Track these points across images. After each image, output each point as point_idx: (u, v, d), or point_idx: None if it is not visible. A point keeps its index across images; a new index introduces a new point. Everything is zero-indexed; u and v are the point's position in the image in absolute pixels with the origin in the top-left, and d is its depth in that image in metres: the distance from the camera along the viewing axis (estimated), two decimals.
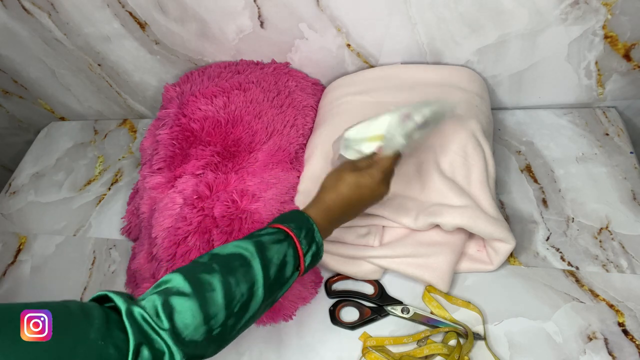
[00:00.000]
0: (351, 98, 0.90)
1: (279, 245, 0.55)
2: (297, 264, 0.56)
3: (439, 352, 0.67)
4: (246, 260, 0.52)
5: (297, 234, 0.56)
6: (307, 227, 0.58)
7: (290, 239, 0.56)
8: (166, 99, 0.97)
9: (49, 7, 0.96)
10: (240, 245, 0.53)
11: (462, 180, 0.75)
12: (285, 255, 0.55)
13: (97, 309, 0.42)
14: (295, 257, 0.56)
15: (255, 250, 0.53)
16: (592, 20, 0.76)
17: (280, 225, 0.57)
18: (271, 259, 0.53)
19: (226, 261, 0.52)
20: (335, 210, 0.61)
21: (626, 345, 0.65)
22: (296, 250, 0.56)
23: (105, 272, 0.92)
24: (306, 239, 0.57)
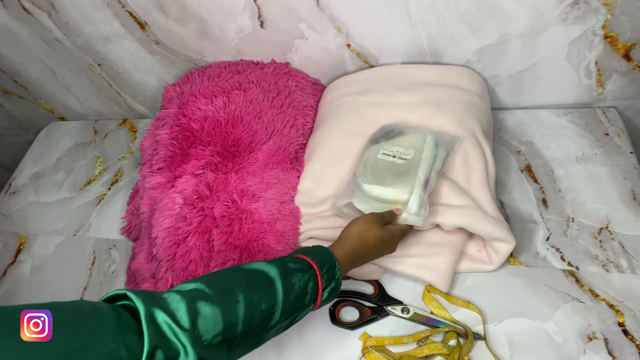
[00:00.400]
0: (351, 98, 0.90)
1: (302, 274, 0.56)
2: (314, 296, 0.57)
3: (439, 352, 0.67)
4: (270, 280, 0.53)
5: (320, 267, 0.58)
6: (330, 264, 0.59)
7: (313, 271, 0.57)
8: (166, 99, 0.97)
9: (49, 7, 0.96)
10: (265, 266, 0.54)
11: (462, 180, 0.75)
12: (306, 286, 0.55)
13: (109, 309, 0.42)
14: (314, 289, 0.56)
15: (279, 273, 0.54)
16: (592, 20, 0.76)
17: (305, 256, 0.58)
18: (293, 285, 0.54)
19: (251, 276, 0.53)
20: (356, 255, 0.63)
21: (626, 345, 0.65)
22: (317, 283, 0.57)
23: (105, 272, 0.92)
24: (327, 275, 0.58)
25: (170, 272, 0.73)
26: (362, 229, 0.65)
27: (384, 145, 0.76)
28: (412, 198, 0.68)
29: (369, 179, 0.73)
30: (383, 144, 0.77)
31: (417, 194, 0.68)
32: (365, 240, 0.64)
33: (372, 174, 0.74)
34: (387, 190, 0.70)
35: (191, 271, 0.74)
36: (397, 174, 0.72)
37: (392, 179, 0.72)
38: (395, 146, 0.75)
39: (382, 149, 0.76)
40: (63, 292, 0.90)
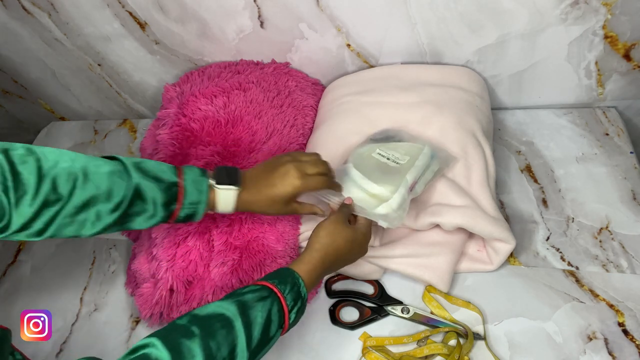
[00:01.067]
0: (351, 98, 0.90)
1: (263, 303, 0.53)
2: (281, 321, 0.54)
3: (439, 352, 0.67)
4: (228, 321, 0.50)
5: (281, 289, 0.55)
6: (292, 282, 0.56)
7: (275, 295, 0.54)
8: (166, 99, 0.97)
9: (49, 7, 0.96)
10: (222, 306, 0.52)
11: (462, 180, 0.75)
12: (269, 313, 0.53)
13: None
14: (280, 314, 0.54)
15: (237, 310, 0.51)
16: (592, 20, 0.76)
17: (264, 282, 0.56)
18: (255, 318, 0.52)
19: (207, 323, 0.50)
20: (326, 260, 0.61)
21: (626, 345, 0.65)
22: (281, 306, 0.54)
23: (105, 272, 0.92)
24: (291, 295, 0.56)
25: (170, 272, 0.74)
26: (329, 230, 0.62)
27: (381, 147, 0.76)
28: (396, 194, 0.67)
29: (358, 168, 0.72)
30: (381, 145, 0.77)
31: (402, 192, 0.68)
32: (334, 241, 0.62)
33: (362, 166, 0.73)
34: (371, 184, 0.70)
35: (191, 271, 0.74)
36: (386, 173, 0.72)
37: (380, 176, 0.71)
38: (392, 150, 0.75)
39: (378, 149, 0.76)
40: (63, 292, 0.90)
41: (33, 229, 0.54)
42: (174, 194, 0.60)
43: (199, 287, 0.74)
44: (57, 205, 0.54)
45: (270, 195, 0.64)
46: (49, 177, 0.53)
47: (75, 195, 0.54)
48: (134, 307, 0.84)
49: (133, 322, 0.83)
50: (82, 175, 0.55)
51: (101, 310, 0.86)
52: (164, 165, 0.62)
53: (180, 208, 0.61)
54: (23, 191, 0.52)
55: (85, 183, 0.55)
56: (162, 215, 0.61)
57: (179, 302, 0.74)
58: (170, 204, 0.60)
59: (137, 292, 0.79)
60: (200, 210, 0.62)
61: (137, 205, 0.59)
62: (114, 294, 0.88)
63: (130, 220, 0.60)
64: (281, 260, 0.75)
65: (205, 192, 0.62)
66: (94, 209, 0.56)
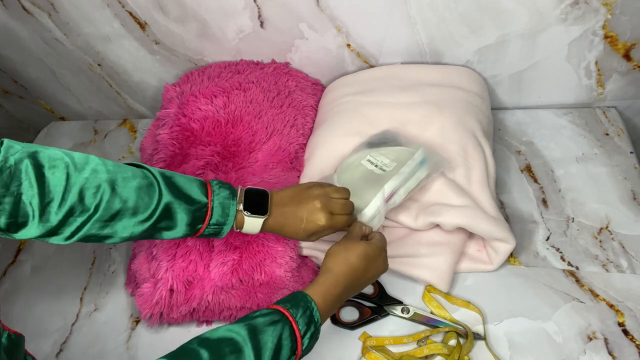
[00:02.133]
0: (351, 98, 0.90)
1: (274, 327, 0.51)
2: (294, 347, 0.53)
3: (439, 352, 0.67)
4: (237, 346, 0.49)
5: (293, 313, 0.53)
6: (304, 306, 0.54)
7: (286, 319, 0.53)
8: (166, 99, 0.97)
9: (49, 7, 0.96)
10: (232, 330, 0.51)
11: (462, 180, 0.75)
12: (280, 338, 0.51)
13: None
14: (292, 339, 0.52)
15: (247, 335, 0.50)
16: (592, 20, 0.76)
17: (276, 305, 0.54)
18: (265, 343, 0.50)
19: (216, 347, 0.49)
20: (341, 283, 0.58)
21: (626, 345, 0.65)
22: (292, 331, 0.52)
23: (105, 272, 0.92)
24: (303, 319, 0.54)
25: (170, 272, 0.73)
26: (340, 248, 0.61)
27: (372, 153, 0.76)
28: (370, 205, 0.68)
29: (341, 179, 0.73)
30: (372, 150, 0.77)
31: (376, 204, 0.68)
32: (347, 259, 0.59)
33: (346, 176, 0.74)
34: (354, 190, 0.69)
35: (191, 271, 0.74)
36: (369, 182, 0.72)
37: (362, 186, 0.71)
38: (382, 156, 0.75)
39: (369, 155, 0.76)
40: (63, 292, 0.90)
41: (61, 235, 0.54)
42: (202, 215, 0.60)
43: (199, 287, 0.74)
44: (83, 216, 0.54)
45: (295, 228, 0.64)
46: (76, 187, 0.53)
47: (101, 209, 0.54)
48: (134, 307, 0.84)
49: (133, 322, 0.83)
50: (110, 188, 0.55)
51: (101, 310, 0.86)
52: (193, 182, 0.61)
53: (205, 227, 0.61)
54: (50, 198, 0.52)
55: (113, 197, 0.55)
56: (187, 233, 0.61)
57: (179, 302, 0.74)
58: (196, 224, 0.60)
59: (137, 292, 0.79)
60: (225, 231, 0.62)
61: (164, 222, 0.58)
62: (114, 294, 0.88)
63: (157, 234, 0.60)
64: (281, 260, 0.74)
65: (232, 216, 0.62)
66: (120, 222, 0.56)
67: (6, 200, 0.50)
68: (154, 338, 0.79)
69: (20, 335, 0.50)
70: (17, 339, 0.49)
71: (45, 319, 0.87)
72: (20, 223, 0.52)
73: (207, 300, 0.73)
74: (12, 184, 0.50)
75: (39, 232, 0.52)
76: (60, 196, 0.52)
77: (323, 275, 0.59)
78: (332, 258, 0.60)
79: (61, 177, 0.52)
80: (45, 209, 0.52)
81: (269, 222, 0.63)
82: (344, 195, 0.66)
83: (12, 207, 0.50)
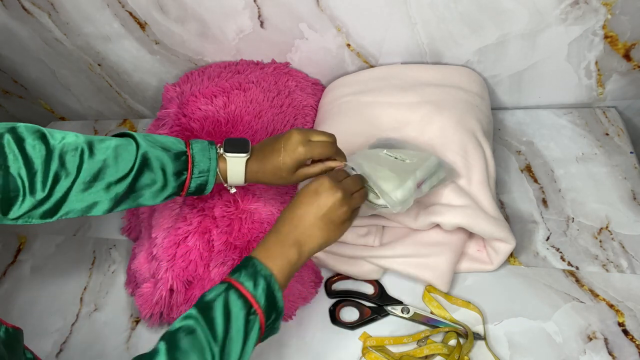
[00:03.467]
0: (351, 98, 0.90)
1: (219, 297, 0.51)
2: (247, 306, 0.51)
3: (439, 352, 0.67)
4: (190, 328, 0.49)
5: (236, 277, 0.53)
6: (244, 264, 0.54)
7: (229, 285, 0.52)
8: (166, 99, 0.97)
9: (49, 7, 0.96)
10: (185, 315, 0.51)
11: (462, 180, 0.75)
12: (227, 303, 0.50)
13: None
14: (242, 300, 0.51)
15: (198, 314, 0.50)
16: (592, 20, 0.76)
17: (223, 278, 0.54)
18: (215, 315, 0.50)
19: (172, 336, 0.49)
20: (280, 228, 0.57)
21: (626, 345, 0.65)
22: (240, 293, 0.51)
23: (105, 272, 0.92)
24: (246, 276, 0.52)
25: (170, 272, 0.74)
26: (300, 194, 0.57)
27: (388, 149, 0.74)
28: (403, 187, 0.63)
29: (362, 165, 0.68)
30: (384, 149, 0.75)
31: (409, 186, 0.64)
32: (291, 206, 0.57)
33: (368, 160, 0.69)
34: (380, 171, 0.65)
35: (191, 271, 0.74)
36: (395, 169, 0.68)
37: (387, 169, 0.67)
38: (399, 153, 0.73)
39: (386, 150, 0.73)
40: (63, 292, 0.91)
41: (44, 207, 0.56)
42: (183, 162, 0.61)
43: (199, 287, 0.74)
44: (68, 180, 0.56)
45: (275, 164, 0.63)
46: (56, 152, 0.55)
47: (83, 169, 0.56)
48: (134, 307, 0.84)
49: (133, 322, 0.83)
50: (88, 149, 0.57)
51: (101, 310, 0.86)
52: (171, 137, 0.63)
53: (190, 178, 0.61)
54: (35, 169, 0.54)
55: (92, 156, 0.57)
56: (173, 186, 0.61)
57: (179, 302, 0.74)
58: (180, 174, 0.61)
59: (137, 292, 0.80)
60: (211, 179, 0.63)
61: (146, 176, 0.59)
62: (114, 294, 0.88)
63: (141, 195, 0.60)
64: None
65: (214, 160, 0.62)
66: (103, 181, 0.57)
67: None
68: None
69: (19, 329, 0.50)
70: (15, 333, 0.49)
71: (45, 319, 0.87)
72: (13, 197, 0.54)
73: None
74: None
75: (30, 204, 0.55)
76: (43, 166, 0.54)
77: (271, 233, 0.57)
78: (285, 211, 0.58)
79: (41, 147, 0.55)
80: (32, 180, 0.54)
81: (251, 163, 0.64)
82: (325, 138, 0.65)
83: (2, 181, 0.53)
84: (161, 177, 0.60)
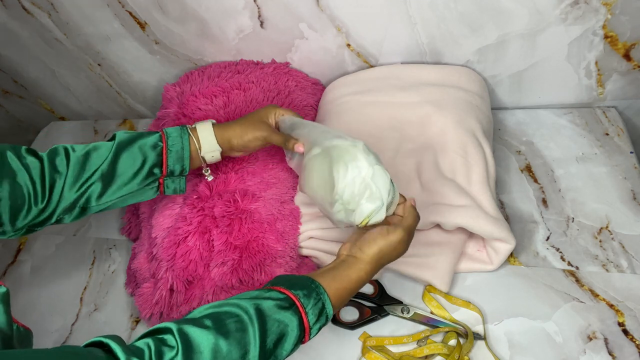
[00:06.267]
0: (351, 98, 0.90)
1: (283, 314, 0.50)
2: (302, 336, 0.52)
3: (439, 352, 0.67)
4: (243, 324, 0.48)
5: (304, 303, 0.52)
6: (316, 298, 0.53)
7: (296, 309, 0.52)
8: (166, 99, 0.97)
9: (49, 7, 0.96)
10: (241, 305, 0.50)
11: (463, 180, 0.75)
12: (287, 326, 0.50)
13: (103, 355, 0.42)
14: (300, 328, 0.51)
15: (255, 315, 0.49)
16: (592, 20, 0.76)
17: (288, 291, 0.53)
18: (271, 327, 0.49)
19: (222, 320, 0.48)
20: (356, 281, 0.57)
21: (626, 345, 0.65)
22: (301, 321, 0.52)
23: (105, 272, 0.92)
24: (314, 311, 0.52)
25: (170, 272, 0.74)
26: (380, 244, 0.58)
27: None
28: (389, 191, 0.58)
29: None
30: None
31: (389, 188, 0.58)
32: (379, 255, 0.58)
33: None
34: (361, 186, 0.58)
35: (191, 271, 0.74)
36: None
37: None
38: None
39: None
40: (63, 292, 0.90)
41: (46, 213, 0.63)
42: (158, 137, 0.67)
43: (199, 287, 0.74)
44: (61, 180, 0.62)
45: (242, 122, 0.71)
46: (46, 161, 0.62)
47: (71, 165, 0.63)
48: (134, 307, 0.84)
49: (133, 322, 0.83)
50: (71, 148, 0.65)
51: (101, 310, 0.86)
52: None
53: (166, 143, 0.67)
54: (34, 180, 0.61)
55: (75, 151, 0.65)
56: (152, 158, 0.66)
57: (179, 302, 0.74)
58: (156, 145, 0.66)
59: (137, 292, 0.80)
60: (185, 144, 0.67)
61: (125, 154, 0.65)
62: (114, 294, 0.88)
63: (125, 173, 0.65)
64: (281, 260, 0.75)
65: (185, 128, 0.69)
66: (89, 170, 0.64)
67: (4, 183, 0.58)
68: None
69: (29, 330, 0.51)
70: (26, 333, 0.50)
71: (45, 319, 0.87)
72: (20, 205, 0.60)
73: (207, 300, 0.73)
74: (4, 169, 0.59)
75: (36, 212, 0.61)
76: (40, 178, 0.61)
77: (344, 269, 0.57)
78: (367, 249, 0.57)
79: (32, 160, 0.62)
80: (35, 190, 0.61)
81: (219, 130, 0.69)
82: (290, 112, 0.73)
83: (10, 188, 0.58)
84: (139, 152, 0.65)
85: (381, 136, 0.84)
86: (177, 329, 0.46)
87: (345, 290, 0.56)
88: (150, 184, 0.68)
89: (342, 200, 0.58)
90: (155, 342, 0.45)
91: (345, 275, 0.56)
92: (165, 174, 0.68)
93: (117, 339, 0.44)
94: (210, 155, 0.71)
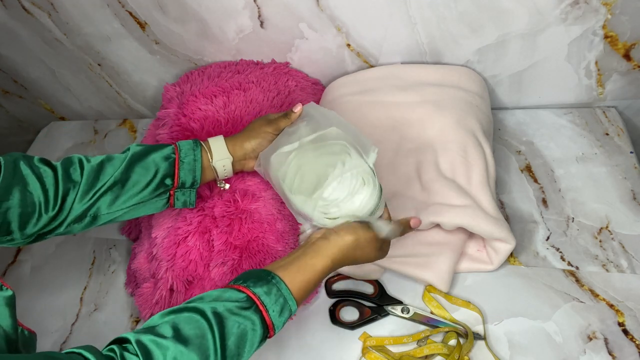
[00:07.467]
0: (351, 98, 0.90)
1: (242, 315, 0.50)
2: (265, 332, 0.52)
3: (439, 352, 0.67)
4: (202, 329, 0.48)
5: (264, 301, 0.52)
6: (277, 294, 0.53)
7: (256, 307, 0.51)
8: (166, 99, 0.97)
9: (49, 7, 0.96)
10: (199, 309, 0.49)
11: (463, 180, 0.75)
12: (248, 325, 0.50)
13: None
14: (263, 326, 0.51)
15: (213, 318, 0.48)
16: (592, 20, 0.76)
17: (247, 290, 0.52)
18: (231, 329, 0.49)
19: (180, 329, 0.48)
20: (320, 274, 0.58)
21: (626, 345, 0.65)
22: (264, 319, 0.52)
23: (105, 272, 0.92)
24: (275, 307, 0.52)
25: (170, 272, 0.74)
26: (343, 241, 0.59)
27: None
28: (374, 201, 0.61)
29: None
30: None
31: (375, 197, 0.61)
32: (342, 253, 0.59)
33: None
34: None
35: (191, 271, 0.74)
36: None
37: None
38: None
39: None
40: (63, 292, 0.91)
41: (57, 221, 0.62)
42: (170, 149, 0.68)
43: (199, 287, 0.74)
44: (75, 190, 0.62)
45: (248, 127, 0.72)
46: (60, 170, 0.62)
47: (85, 175, 0.63)
48: (134, 307, 0.84)
49: (133, 322, 0.83)
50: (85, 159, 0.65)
51: (101, 310, 0.86)
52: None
53: (178, 155, 0.67)
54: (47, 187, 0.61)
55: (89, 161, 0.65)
56: (164, 168, 0.66)
57: (179, 302, 0.74)
58: (168, 157, 0.67)
59: (137, 292, 0.80)
60: (197, 155, 0.68)
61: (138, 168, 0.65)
62: (114, 294, 0.88)
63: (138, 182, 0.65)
64: None
65: (197, 142, 0.70)
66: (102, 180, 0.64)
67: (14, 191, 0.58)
68: None
69: (34, 333, 0.51)
70: (30, 336, 0.50)
71: (45, 319, 0.87)
72: (30, 212, 0.59)
73: None
74: (15, 177, 0.58)
75: (47, 220, 0.61)
76: (53, 186, 0.61)
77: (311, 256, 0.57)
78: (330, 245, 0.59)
79: (46, 169, 0.61)
80: (47, 197, 0.60)
81: (230, 138, 0.71)
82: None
83: (20, 195, 0.58)
84: (152, 163, 0.66)
85: (381, 136, 0.84)
86: (136, 340, 0.46)
87: (309, 282, 0.56)
88: (161, 194, 0.67)
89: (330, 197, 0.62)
90: (120, 350, 0.46)
91: (311, 265, 0.57)
92: (176, 185, 0.67)
93: (90, 348, 0.46)
94: (222, 165, 0.70)
